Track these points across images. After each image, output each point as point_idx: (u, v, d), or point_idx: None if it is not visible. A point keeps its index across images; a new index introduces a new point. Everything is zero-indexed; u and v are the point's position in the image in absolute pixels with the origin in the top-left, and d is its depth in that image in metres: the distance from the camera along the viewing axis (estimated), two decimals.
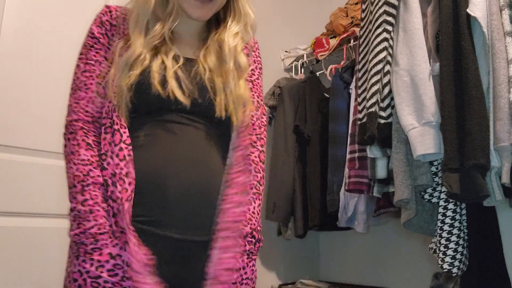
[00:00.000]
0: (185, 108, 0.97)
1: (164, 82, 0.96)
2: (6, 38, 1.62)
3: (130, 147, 0.94)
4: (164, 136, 0.97)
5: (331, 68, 2.26)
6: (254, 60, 1.17)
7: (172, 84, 0.96)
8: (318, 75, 2.38)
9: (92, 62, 1.03)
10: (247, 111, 1.04)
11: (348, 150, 1.88)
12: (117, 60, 0.98)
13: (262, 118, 1.13)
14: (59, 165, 1.69)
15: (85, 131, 1.00)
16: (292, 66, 2.57)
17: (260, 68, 1.20)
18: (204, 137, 1.00)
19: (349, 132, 1.93)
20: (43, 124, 1.67)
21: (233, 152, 1.01)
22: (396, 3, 1.51)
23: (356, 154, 1.78)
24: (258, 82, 1.17)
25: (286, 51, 2.63)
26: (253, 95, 1.13)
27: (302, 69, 2.54)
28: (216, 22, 1.11)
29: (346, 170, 1.87)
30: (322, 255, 2.63)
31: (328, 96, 2.22)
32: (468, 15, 1.33)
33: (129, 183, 0.90)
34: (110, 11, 1.08)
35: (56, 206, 1.67)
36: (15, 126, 1.61)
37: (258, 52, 1.21)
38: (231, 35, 1.06)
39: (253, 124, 1.09)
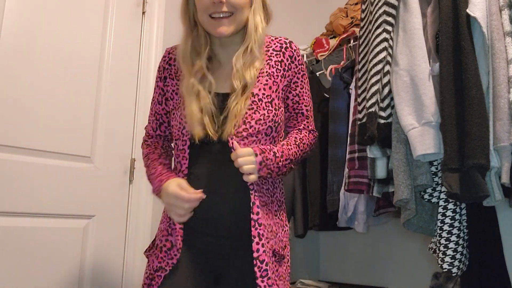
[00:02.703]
0: (216, 142, 1.14)
1: (201, 120, 1.14)
2: (6, 38, 1.62)
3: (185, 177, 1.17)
4: (208, 168, 1.16)
5: (331, 68, 2.26)
6: (295, 70, 1.28)
7: (206, 121, 1.13)
8: (318, 75, 2.38)
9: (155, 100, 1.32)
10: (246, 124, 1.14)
11: (348, 150, 1.88)
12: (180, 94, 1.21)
13: (305, 128, 1.31)
14: (59, 165, 1.70)
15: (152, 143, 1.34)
16: None
17: (303, 75, 1.30)
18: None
19: (349, 132, 1.93)
20: (43, 124, 1.68)
21: None
22: (396, 3, 1.51)
23: (356, 154, 1.78)
24: (302, 92, 1.29)
25: None
26: (300, 105, 1.29)
27: None
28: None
29: (346, 170, 1.87)
30: (322, 255, 2.63)
31: (328, 96, 2.22)
32: (468, 15, 1.33)
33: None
34: (164, 56, 1.32)
35: (56, 206, 1.67)
36: (15, 126, 1.61)
37: (297, 57, 1.30)
38: (240, 55, 1.18)
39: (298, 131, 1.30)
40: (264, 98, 1.17)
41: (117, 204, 1.86)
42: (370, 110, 1.50)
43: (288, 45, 1.28)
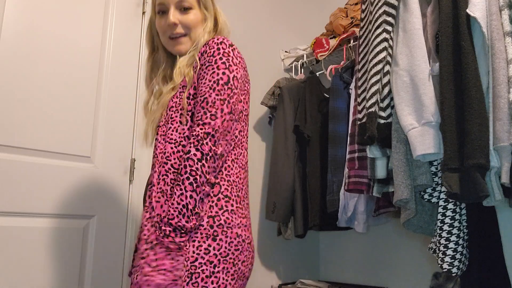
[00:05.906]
0: None
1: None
2: (6, 39, 1.62)
3: None
4: None
5: (331, 68, 2.26)
6: (202, 63, 1.17)
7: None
8: (318, 75, 2.38)
9: None
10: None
11: (348, 150, 1.88)
12: None
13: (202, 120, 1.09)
14: (59, 165, 1.70)
15: None
16: (292, 66, 2.57)
17: (208, 66, 1.14)
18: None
19: (349, 132, 1.93)
20: (43, 124, 1.68)
21: None
22: (396, 3, 1.51)
23: (356, 154, 1.78)
24: (201, 83, 1.14)
25: (286, 51, 2.64)
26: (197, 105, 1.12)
27: (302, 69, 2.54)
28: None
29: (346, 170, 1.87)
30: (322, 255, 2.63)
31: (328, 96, 2.22)
32: (468, 15, 1.33)
33: None
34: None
35: (56, 206, 1.67)
36: (15, 126, 1.61)
37: (208, 50, 1.16)
38: (185, 58, 1.24)
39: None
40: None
41: (117, 204, 1.86)
42: (370, 110, 1.50)
43: (206, 42, 1.20)
